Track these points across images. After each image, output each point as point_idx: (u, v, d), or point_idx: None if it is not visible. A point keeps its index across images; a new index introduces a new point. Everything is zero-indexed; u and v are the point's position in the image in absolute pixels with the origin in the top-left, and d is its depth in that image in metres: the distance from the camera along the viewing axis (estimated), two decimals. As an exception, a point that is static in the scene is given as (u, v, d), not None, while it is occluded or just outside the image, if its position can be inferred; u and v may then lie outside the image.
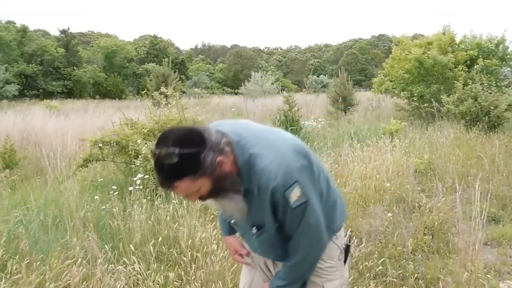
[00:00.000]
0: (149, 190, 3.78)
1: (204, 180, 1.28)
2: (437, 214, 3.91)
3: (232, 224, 1.69)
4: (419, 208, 4.29)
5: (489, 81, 9.61)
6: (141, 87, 38.03)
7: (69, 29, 54.18)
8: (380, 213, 4.05)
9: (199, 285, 2.66)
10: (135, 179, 3.88)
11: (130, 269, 2.75)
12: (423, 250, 3.46)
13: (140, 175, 3.90)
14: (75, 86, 48.42)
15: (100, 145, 4.56)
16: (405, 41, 13.54)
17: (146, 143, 4.42)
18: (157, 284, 2.69)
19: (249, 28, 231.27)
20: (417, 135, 7.48)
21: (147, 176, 3.96)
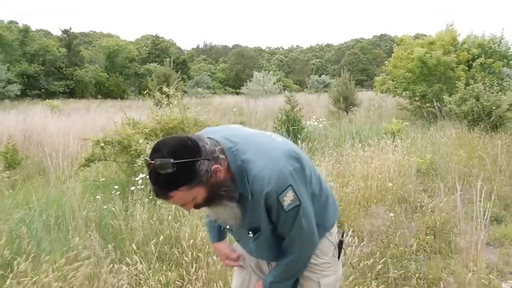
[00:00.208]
0: (151, 190, 3.78)
1: (199, 188, 1.28)
2: (439, 214, 3.91)
3: (227, 230, 1.70)
4: (421, 208, 4.29)
5: (491, 81, 9.58)
6: (143, 87, 38.07)
7: (71, 29, 54.42)
8: (382, 213, 4.05)
9: (200, 284, 2.66)
10: (137, 179, 3.89)
11: (132, 269, 2.76)
12: (425, 250, 3.46)
13: (142, 175, 3.91)
14: (77, 86, 48.57)
15: (102, 144, 4.57)
16: (408, 40, 13.50)
17: (148, 143, 4.43)
18: (159, 283, 2.69)
19: (250, 28, 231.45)
20: (419, 135, 7.47)
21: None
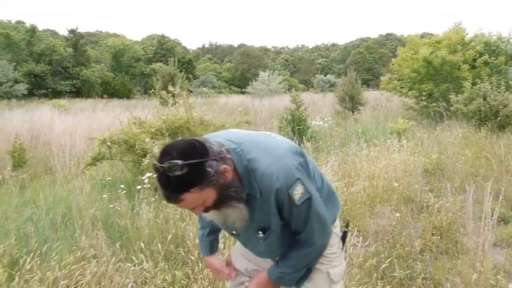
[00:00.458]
0: (157, 189, 3.79)
1: (210, 190, 1.27)
2: (446, 214, 3.89)
3: (233, 235, 1.69)
4: (427, 208, 4.27)
5: (498, 80, 9.50)
6: (149, 86, 38.21)
7: (77, 28, 54.81)
8: (387, 213, 4.03)
9: (206, 284, 2.67)
10: (143, 178, 3.90)
11: (138, 268, 2.77)
12: (431, 251, 3.44)
13: (148, 174, 3.92)
14: (83, 85, 48.85)
15: (109, 144, 4.59)
16: (415, 40, 13.41)
17: (154, 142, 4.44)
18: (164, 282, 2.70)
19: (256, 28, 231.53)
20: (425, 135, 7.43)
21: (155, 175, 3.97)
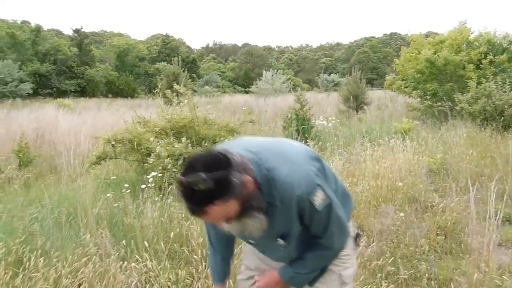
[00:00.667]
0: (161, 188, 3.81)
1: (233, 202, 1.26)
2: (450, 214, 3.87)
3: (251, 244, 1.68)
4: (431, 208, 4.25)
5: (503, 80, 9.43)
6: (153, 86, 38.26)
7: (82, 28, 54.84)
8: (392, 212, 4.02)
9: (209, 283, 2.67)
10: (148, 177, 3.91)
11: (142, 266, 2.78)
12: (435, 251, 3.43)
13: (153, 173, 3.93)
14: (88, 85, 49.00)
15: (113, 143, 4.61)
16: (419, 39, 13.34)
17: (158, 141, 4.45)
18: (168, 281, 2.71)
19: (260, 27, 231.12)
20: (429, 134, 7.40)
21: (160, 174, 3.99)
